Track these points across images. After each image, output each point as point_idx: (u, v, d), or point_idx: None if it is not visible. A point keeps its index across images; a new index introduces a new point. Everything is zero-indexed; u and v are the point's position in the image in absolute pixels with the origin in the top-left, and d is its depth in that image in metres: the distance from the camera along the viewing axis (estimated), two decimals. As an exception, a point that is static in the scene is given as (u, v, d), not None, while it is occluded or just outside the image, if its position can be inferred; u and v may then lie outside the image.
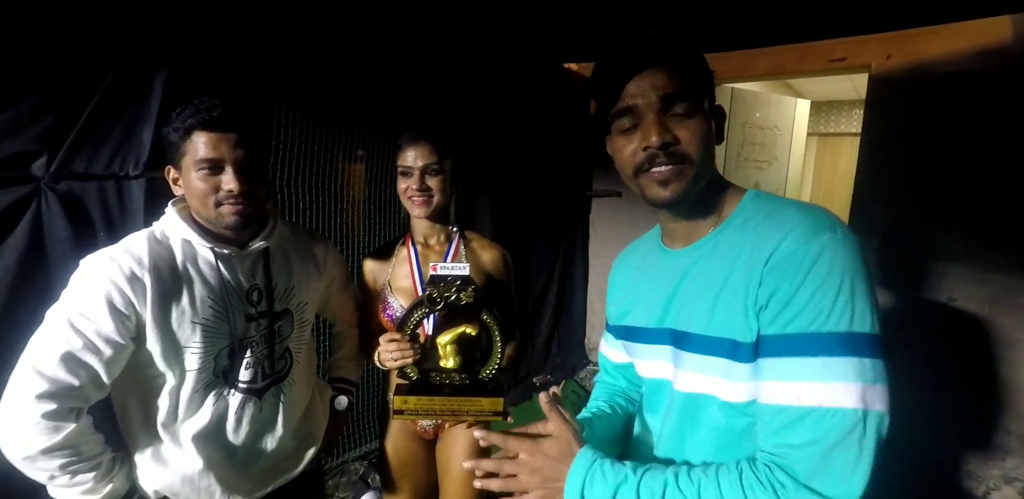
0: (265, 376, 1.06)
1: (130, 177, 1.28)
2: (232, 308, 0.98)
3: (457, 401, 1.10)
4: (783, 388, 0.57)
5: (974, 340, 2.10)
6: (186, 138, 0.91)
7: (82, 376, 0.85)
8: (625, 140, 0.68)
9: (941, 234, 2.15)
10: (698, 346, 0.67)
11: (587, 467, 0.63)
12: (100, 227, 1.25)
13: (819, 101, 5.27)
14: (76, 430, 0.86)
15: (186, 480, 0.98)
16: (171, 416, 0.97)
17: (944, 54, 2.07)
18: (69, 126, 1.21)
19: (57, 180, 1.20)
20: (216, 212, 0.93)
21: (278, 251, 1.09)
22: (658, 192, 0.67)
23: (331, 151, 1.96)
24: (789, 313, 0.57)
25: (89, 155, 1.24)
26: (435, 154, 1.21)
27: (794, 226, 0.60)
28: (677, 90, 0.65)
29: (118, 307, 0.86)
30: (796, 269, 0.58)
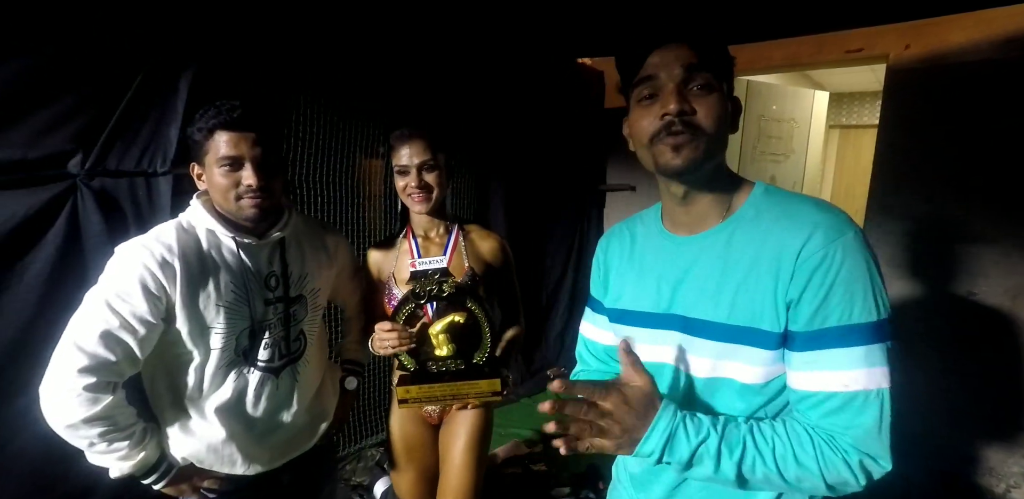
0: (282, 356, 1.13)
1: (158, 174, 1.35)
2: (252, 293, 1.06)
3: (456, 385, 1.17)
4: (828, 377, 0.63)
5: (996, 334, 2.06)
6: (209, 137, 0.99)
7: (118, 352, 0.94)
8: (644, 111, 0.70)
9: (962, 227, 2.11)
10: (716, 333, 0.70)
11: (670, 422, 0.64)
12: (131, 220, 1.32)
13: (840, 93, 5.15)
14: (113, 402, 0.94)
15: (211, 449, 1.07)
16: (196, 391, 1.05)
17: (964, 43, 2.03)
18: (102, 126, 1.28)
19: (91, 177, 1.27)
20: (237, 205, 1.01)
21: (293, 241, 1.17)
22: (670, 158, 0.68)
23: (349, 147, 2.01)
24: (826, 310, 0.63)
25: (120, 153, 1.31)
26: (429, 150, 1.24)
27: (816, 225, 0.64)
28: (699, 62, 0.67)
29: (151, 290, 0.95)
30: (827, 270, 0.63)
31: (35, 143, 1.19)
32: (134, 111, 1.32)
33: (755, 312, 0.67)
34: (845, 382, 0.62)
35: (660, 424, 0.63)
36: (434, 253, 1.33)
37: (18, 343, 1.19)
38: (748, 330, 0.67)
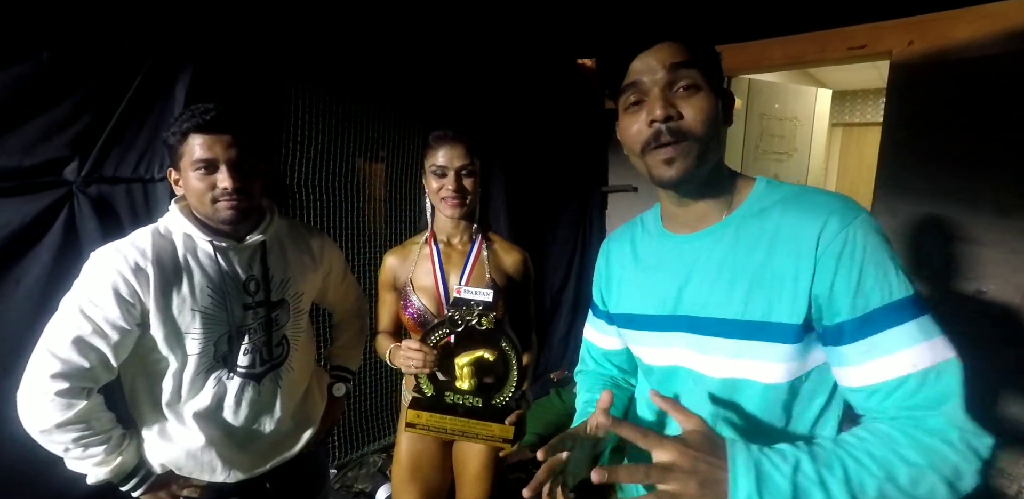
0: (263, 362, 1.12)
1: (155, 180, 1.34)
2: (230, 297, 1.05)
3: (469, 423, 1.14)
4: (892, 361, 0.58)
5: (1006, 333, 2.03)
6: (183, 141, 0.98)
7: (92, 358, 0.93)
8: (631, 118, 0.69)
9: (969, 224, 2.09)
10: (729, 330, 0.67)
11: (748, 455, 0.53)
12: (128, 227, 1.31)
13: (843, 90, 5.12)
14: (87, 407, 0.94)
15: (189, 455, 1.06)
16: (175, 397, 1.04)
17: (969, 38, 2.00)
18: (98, 133, 1.27)
19: (88, 184, 1.26)
20: (213, 208, 1.00)
21: (275, 244, 1.15)
22: (664, 171, 0.67)
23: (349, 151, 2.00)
24: (864, 293, 0.60)
25: (117, 160, 1.31)
26: (469, 155, 1.21)
27: (829, 210, 0.63)
28: (683, 60, 0.65)
29: (124, 295, 0.94)
30: (852, 253, 0.61)
31: (31, 150, 1.18)
32: (130, 117, 1.31)
33: (771, 305, 0.64)
34: (913, 362, 0.57)
35: (739, 460, 0.53)
36: (456, 261, 1.29)
37: (15, 351, 1.17)
38: (765, 325, 0.65)
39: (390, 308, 1.34)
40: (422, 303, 1.26)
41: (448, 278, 1.28)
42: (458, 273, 1.28)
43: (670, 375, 0.76)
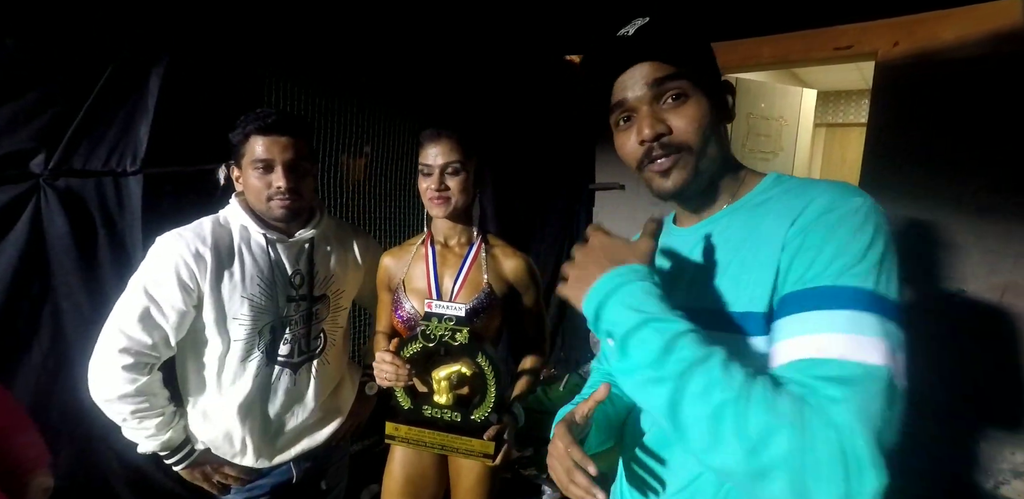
0: (301, 353, 1.18)
1: (128, 173, 1.29)
2: (277, 288, 1.12)
3: (448, 437, 1.13)
4: (803, 342, 0.50)
5: (984, 331, 2.07)
6: (245, 141, 1.07)
7: (155, 335, 1.02)
8: (623, 136, 0.68)
9: (950, 224, 2.11)
10: (710, 322, 0.61)
11: (637, 272, 0.57)
12: (99, 223, 1.26)
13: (827, 91, 5.19)
14: (147, 382, 1.03)
15: (226, 437, 1.14)
16: (218, 380, 1.12)
17: (954, 39, 2.02)
18: (67, 123, 1.21)
19: (55, 177, 1.21)
20: (267, 206, 1.09)
21: (322, 242, 1.22)
22: (661, 183, 0.67)
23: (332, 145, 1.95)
24: (816, 267, 0.53)
25: (87, 152, 1.25)
26: (457, 152, 1.17)
27: (824, 191, 0.59)
28: (666, 74, 0.63)
29: (184, 279, 1.03)
30: (827, 222, 0.55)
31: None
32: (102, 108, 1.25)
33: (738, 293, 0.60)
34: (819, 346, 0.49)
35: (621, 269, 0.58)
36: (452, 263, 1.24)
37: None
38: (731, 315, 0.60)
39: (386, 309, 1.30)
40: (413, 306, 1.22)
41: (442, 281, 1.23)
42: (453, 276, 1.23)
43: None
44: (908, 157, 2.18)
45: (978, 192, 2.03)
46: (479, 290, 1.20)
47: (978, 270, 2.07)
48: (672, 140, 0.64)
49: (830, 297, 0.51)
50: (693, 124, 0.63)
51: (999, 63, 1.93)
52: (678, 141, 0.64)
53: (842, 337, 0.49)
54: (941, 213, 2.13)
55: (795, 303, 0.54)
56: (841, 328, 0.49)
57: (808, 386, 0.48)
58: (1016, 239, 1.98)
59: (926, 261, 2.18)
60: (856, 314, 0.50)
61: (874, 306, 0.50)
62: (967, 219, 2.07)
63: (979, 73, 1.98)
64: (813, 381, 0.48)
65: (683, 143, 0.64)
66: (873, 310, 0.50)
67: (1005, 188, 1.98)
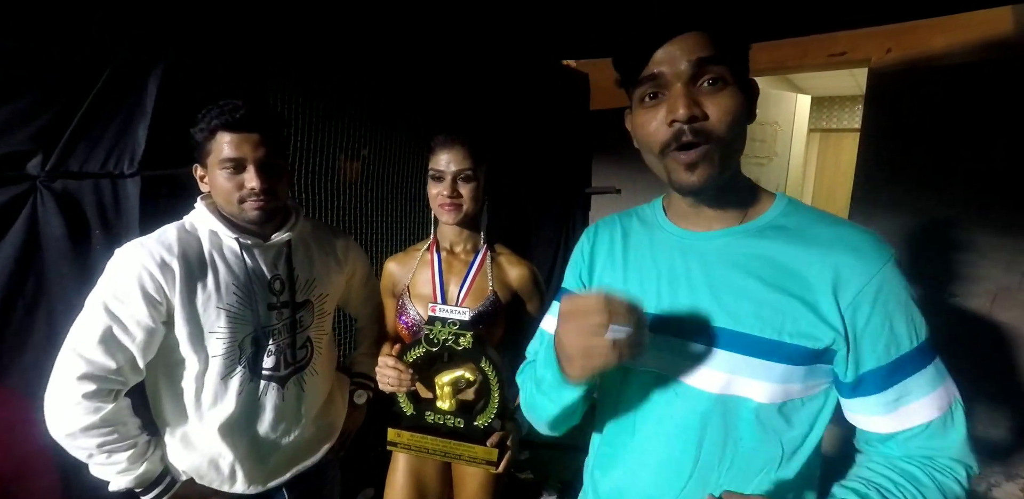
0: (287, 364, 1.10)
1: (125, 176, 1.28)
2: (255, 296, 1.03)
3: (451, 444, 1.12)
4: (919, 407, 0.61)
5: (975, 336, 2.09)
6: (211, 138, 0.97)
7: (119, 358, 0.92)
8: (648, 114, 0.62)
9: (942, 230, 2.14)
10: (735, 344, 0.63)
11: None
12: (95, 225, 1.25)
13: (820, 97, 5.23)
14: (114, 410, 0.92)
15: (211, 464, 1.04)
16: (197, 401, 1.02)
17: (945, 47, 2.05)
18: (64, 125, 1.21)
19: (52, 179, 1.20)
20: (239, 208, 1.00)
21: (300, 244, 1.14)
22: (685, 177, 0.62)
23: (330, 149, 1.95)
24: (896, 337, 0.60)
25: (84, 154, 1.24)
26: (469, 159, 1.17)
27: (864, 245, 0.62)
28: (710, 55, 0.58)
29: (150, 292, 0.93)
30: (887, 295, 0.60)
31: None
32: (99, 109, 1.25)
33: (789, 326, 0.61)
34: (938, 405, 0.61)
35: None
36: (457, 270, 1.24)
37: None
38: (773, 343, 0.61)
39: (390, 315, 1.30)
40: (418, 312, 1.21)
41: (448, 287, 1.23)
42: (458, 283, 1.23)
43: (648, 381, 0.71)
44: (900, 162, 2.21)
45: (969, 197, 2.06)
46: (484, 297, 1.20)
47: (969, 276, 2.10)
48: (706, 127, 0.59)
49: (919, 359, 0.61)
50: (729, 114, 0.59)
51: (988, 70, 1.96)
52: (711, 129, 0.59)
53: (941, 391, 0.62)
54: (933, 219, 2.15)
55: (889, 376, 0.61)
56: (937, 382, 0.62)
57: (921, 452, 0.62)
58: (1007, 246, 2.01)
59: (917, 266, 2.20)
60: (935, 364, 0.62)
61: (935, 345, 0.62)
62: (958, 225, 2.10)
63: (969, 79, 2.01)
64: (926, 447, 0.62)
65: (715, 133, 0.59)
66: (936, 349, 0.62)
67: (995, 194, 2.00)
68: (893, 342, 0.60)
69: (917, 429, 0.61)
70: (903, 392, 0.61)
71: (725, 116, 0.59)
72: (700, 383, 0.66)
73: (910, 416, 0.61)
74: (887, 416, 0.62)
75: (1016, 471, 2.05)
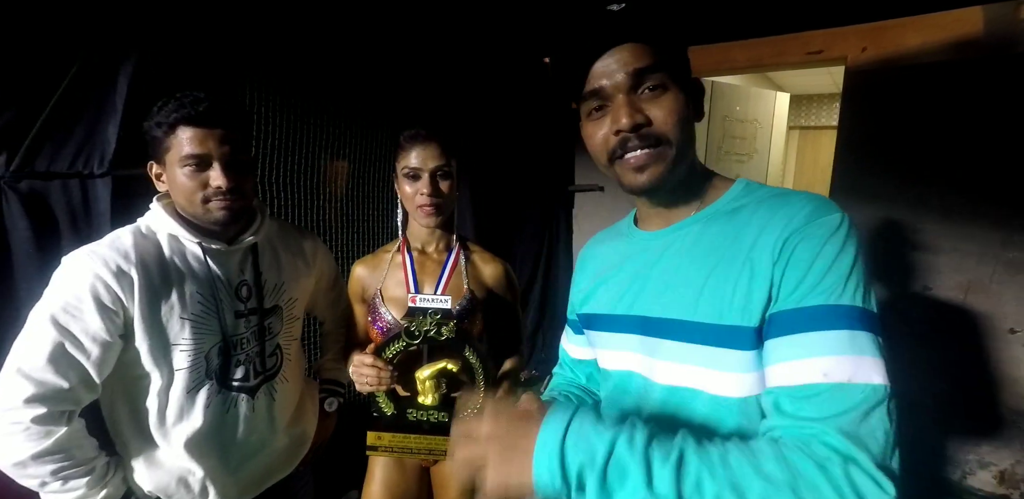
0: (257, 374, 1.04)
1: (95, 176, 1.25)
2: (222, 304, 0.97)
3: (435, 440, 1.08)
4: (807, 365, 0.52)
5: (949, 327, 2.14)
6: (170, 133, 0.89)
7: (72, 377, 0.83)
8: (595, 126, 0.64)
9: (918, 224, 2.18)
10: (679, 333, 0.62)
11: (565, 422, 0.50)
12: (64, 227, 1.21)
13: (799, 95, 5.31)
14: (67, 434, 0.84)
15: (180, 482, 0.97)
16: (162, 418, 0.94)
17: (918, 46, 2.09)
18: (30, 123, 1.17)
19: (18, 179, 1.16)
20: (204, 208, 0.92)
21: (267, 247, 1.08)
22: (635, 178, 0.63)
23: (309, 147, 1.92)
24: (809, 285, 0.54)
25: (51, 153, 1.21)
26: (444, 155, 1.13)
27: (803, 206, 0.59)
28: (647, 65, 0.60)
29: (105, 303, 0.85)
30: (813, 243, 0.55)
31: (-50, 142, 1.08)
32: (67, 106, 1.21)
33: (725, 306, 0.59)
34: (824, 370, 0.51)
35: (554, 415, 0.50)
36: (431, 270, 1.21)
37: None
38: (717, 328, 0.59)
39: (359, 321, 1.26)
40: (392, 316, 1.17)
41: (422, 288, 1.20)
42: (433, 283, 1.20)
43: (624, 381, 0.72)
44: (877, 159, 2.25)
45: (943, 193, 2.11)
46: (461, 296, 1.19)
47: (943, 269, 2.14)
48: (651, 131, 0.61)
49: (829, 318, 0.53)
50: (673, 116, 0.61)
51: (960, 69, 2.01)
52: (657, 132, 0.61)
53: (843, 359, 0.51)
54: (908, 213, 2.20)
55: (790, 323, 0.55)
56: (843, 350, 0.51)
57: (796, 425, 0.51)
58: (979, 238, 2.06)
59: (893, 260, 2.24)
60: (853, 334, 0.52)
61: (867, 324, 0.53)
62: (932, 219, 2.14)
63: (942, 78, 2.05)
64: (800, 415, 0.51)
65: (663, 135, 0.61)
66: (867, 328, 0.53)
67: (968, 189, 2.05)
68: (804, 287, 0.54)
69: (796, 389, 0.52)
70: (795, 344, 0.53)
71: (668, 117, 0.61)
72: (658, 377, 0.66)
73: (791, 371, 0.52)
74: (774, 367, 0.55)
75: (989, 460, 2.11)
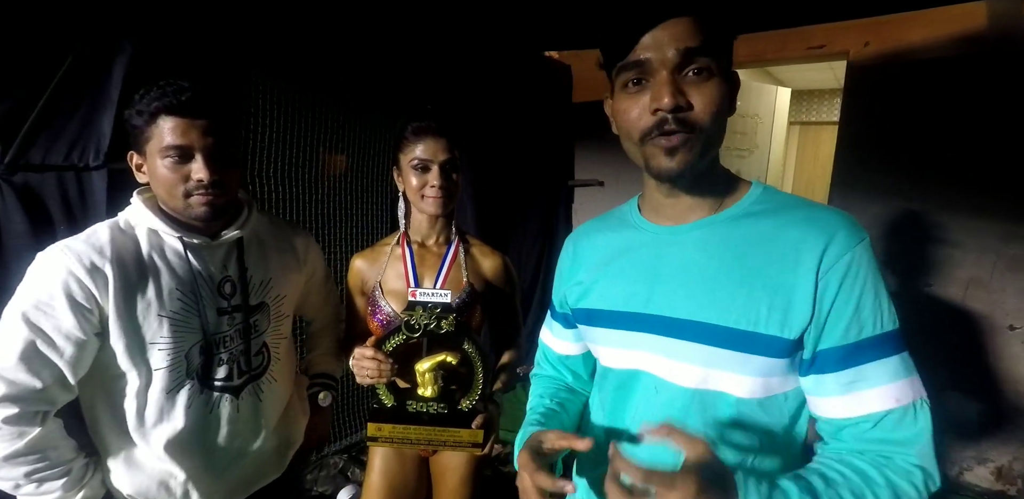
0: (242, 373, 1.01)
1: (91, 168, 1.24)
2: (203, 300, 0.94)
3: (434, 431, 1.09)
4: (877, 394, 0.57)
5: (949, 324, 2.13)
6: (152, 123, 0.86)
7: (45, 377, 0.81)
8: (631, 101, 0.61)
9: (918, 221, 2.18)
10: (707, 336, 0.62)
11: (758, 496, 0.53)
12: (60, 220, 1.20)
13: (800, 90, 5.29)
14: (41, 434, 0.82)
15: (161, 485, 0.94)
16: (141, 419, 0.91)
17: (921, 41, 2.08)
18: (24, 115, 1.16)
19: (12, 171, 1.15)
20: (185, 203, 0.89)
21: (253, 242, 1.04)
22: (664, 162, 0.60)
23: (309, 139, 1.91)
24: (860, 319, 0.58)
25: (46, 145, 1.19)
26: (452, 147, 1.14)
27: (836, 228, 0.60)
28: (698, 45, 0.57)
29: (79, 300, 0.82)
30: (855, 275, 0.58)
31: (-56, 134, 1.07)
32: (62, 98, 1.20)
33: (762, 315, 0.59)
34: (896, 396, 0.57)
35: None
36: (430, 263, 1.21)
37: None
38: (748, 335, 0.60)
39: (360, 314, 1.26)
40: (392, 308, 1.18)
41: (422, 281, 1.20)
42: (433, 276, 1.21)
43: (630, 379, 0.71)
44: (878, 155, 2.24)
45: (943, 189, 2.10)
46: (460, 289, 1.19)
47: (944, 265, 2.14)
48: (689, 117, 0.58)
49: (882, 346, 0.58)
50: (713, 106, 0.59)
51: (963, 64, 2.00)
52: (695, 119, 0.58)
53: (904, 384, 0.58)
54: (909, 209, 2.19)
55: (848, 357, 0.59)
56: (901, 374, 0.58)
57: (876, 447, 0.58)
58: (979, 234, 2.05)
59: (893, 256, 2.24)
60: (902, 357, 0.59)
61: (903, 341, 0.59)
62: (933, 215, 2.14)
63: (945, 73, 2.04)
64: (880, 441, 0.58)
65: (699, 123, 0.59)
66: (904, 345, 0.59)
67: (969, 185, 2.04)
68: (856, 324, 0.58)
69: (872, 417, 0.58)
70: (860, 376, 0.58)
71: (709, 107, 0.59)
72: (677, 378, 0.65)
73: (865, 402, 0.58)
74: (841, 398, 0.59)
75: (987, 456, 2.12)
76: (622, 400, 0.72)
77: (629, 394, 0.71)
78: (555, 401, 0.83)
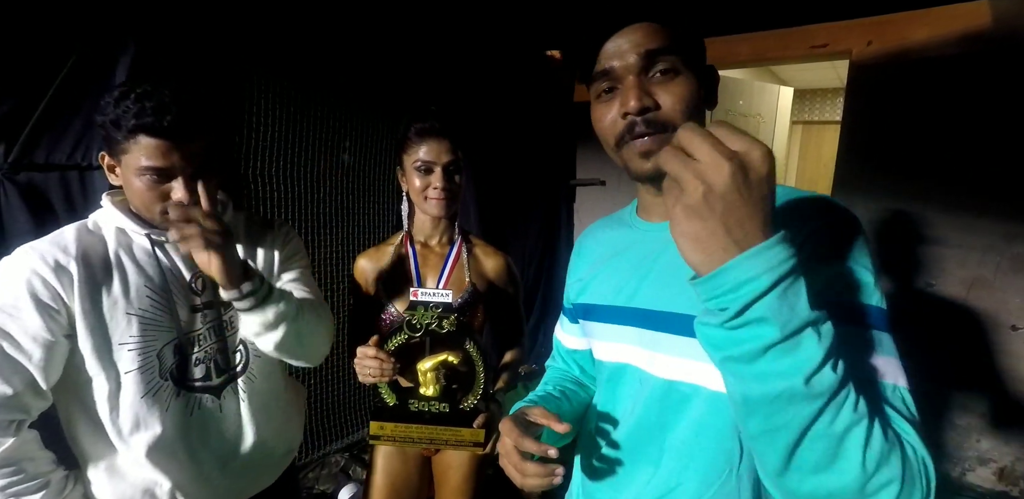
0: (220, 372, 0.98)
1: (94, 167, 1.25)
2: (174, 298, 0.91)
3: (436, 430, 1.10)
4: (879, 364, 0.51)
5: (952, 323, 2.13)
6: (130, 138, 0.80)
7: (16, 382, 0.78)
8: (604, 108, 0.63)
9: (921, 220, 2.17)
10: (682, 327, 0.61)
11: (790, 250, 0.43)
12: (64, 220, 1.20)
13: (802, 89, 5.27)
14: (15, 445, 0.78)
15: (146, 493, 0.90)
16: (116, 425, 0.88)
17: (924, 40, 2.07)
18: (28, 114, 1.17)
19: (16, 171, 1.16)
20: (161, 218, 0.86)
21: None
22: (640, 165, 0.62)
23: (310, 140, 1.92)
24: (833, 282, 0.52)
25: (50, 145, 1.20)
26: (455, 149, 1.15)
27: (817, 204, 0.58)
28: (659, 46, 0.59)
29: (44, 300, 0.79)
30: (832, 240, 0.54)
31: (-52, 133, 1.08)
32: (65, 98, 1.21)
33: None
34: (882, 370, 0.51)
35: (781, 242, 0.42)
36: (433, 263, 1.23)
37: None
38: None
39: (363, 314, 1.27)
40: (396, 308, 1.20)
41: (425, 281, 1.22)
42: (436, 276, 1.22)
43: (618, 373, 0.72)
44: (880, 154, 2.23)
45: (946, 189, 2.09)
46: (463, 289, 1.20)
47: (946, 264, 2.13)
48: (659, 116, 0.59)
49: (855, 315, 0.52)
50: (681, 102, 0.59)
51: (968, 63, 1.99)
52: (664, 118, 0.59)
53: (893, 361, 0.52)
54: (911, 209, 2.18)
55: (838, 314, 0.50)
56: (889, 351, 0.52)
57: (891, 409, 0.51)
58: (982, 234, 2.04)
59: (896, 255, 2.23)
60: (881, 334, 0.52)
61: (888, 325, 0.53)
62: (936, 214, 2.13)
63: (949, 72, 2.03)
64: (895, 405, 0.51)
65: (669, 121, 0.59)
66: (889, 329, 0.53)
67: (972, 184, 2.03)
68: (838, 284, 0.53)
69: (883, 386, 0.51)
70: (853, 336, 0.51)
71: (677, 105, 0.59)
72: (657, 370, 0.66)
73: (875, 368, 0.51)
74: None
75: (989, 456, 2.11)
76: (612, 393, 0.73)
77: (617, 387, 0.72)
78: (557, 389, 0.84)
